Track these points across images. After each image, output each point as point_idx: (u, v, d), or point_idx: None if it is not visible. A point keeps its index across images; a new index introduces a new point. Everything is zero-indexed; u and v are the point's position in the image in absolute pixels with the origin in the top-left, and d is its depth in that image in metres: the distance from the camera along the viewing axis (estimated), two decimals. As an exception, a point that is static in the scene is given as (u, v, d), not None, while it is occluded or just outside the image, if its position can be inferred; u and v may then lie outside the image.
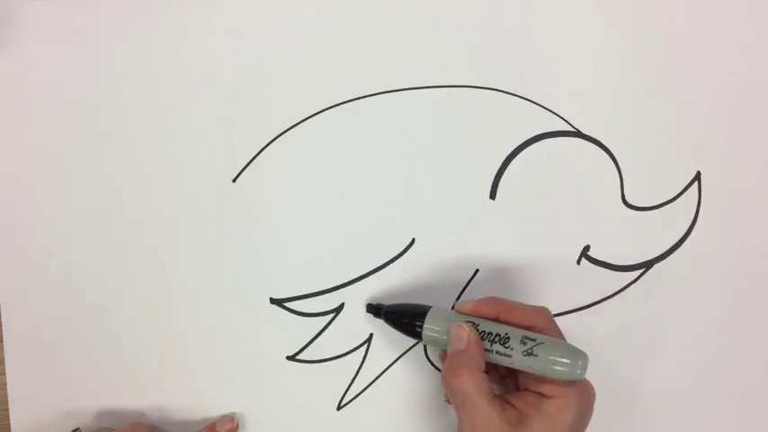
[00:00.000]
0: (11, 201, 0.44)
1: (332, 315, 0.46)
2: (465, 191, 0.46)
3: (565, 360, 0.37)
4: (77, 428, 0.44)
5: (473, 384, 0.37)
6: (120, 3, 0.44)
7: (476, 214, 0.46)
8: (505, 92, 0.45)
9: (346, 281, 0.45)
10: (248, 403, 0.46)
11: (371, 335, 0.46)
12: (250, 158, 0.45)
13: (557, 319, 0.46)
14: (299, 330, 0.46)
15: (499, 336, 0.38)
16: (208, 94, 0.44)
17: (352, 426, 0.46)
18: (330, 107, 0.45)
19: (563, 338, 0.40)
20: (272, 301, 0.45)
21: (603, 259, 0.46)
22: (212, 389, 0.46)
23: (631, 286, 0.47)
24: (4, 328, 0.45)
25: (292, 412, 0.46)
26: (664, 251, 0.46)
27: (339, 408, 0.46)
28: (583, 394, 0.38)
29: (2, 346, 0.45)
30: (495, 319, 0.40)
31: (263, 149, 0.45)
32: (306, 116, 0.45)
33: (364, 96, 0.45)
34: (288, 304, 0.45)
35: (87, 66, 0.44)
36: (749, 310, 0.47)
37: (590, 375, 0.46)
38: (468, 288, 0.46)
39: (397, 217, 0.45)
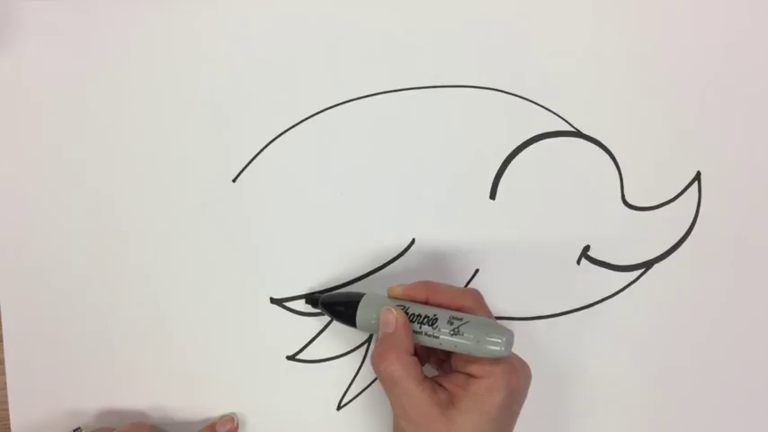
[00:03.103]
0: (11, 201, 0.44)
1: (332, 315, 0.46)
2: (465, 191, 0.46)
3: (488, 338, 0.36)
4: (78, 428, 0.44)
5: (401, 367, 0.37)
6: (120, 3, 0.44)
7: (476, 214, 0.46)
8: (505, 92, 0.45)
9: (346, 281, 0.45)
10: (248, 403, 0.46)
11: (371, 335, 0.46)
12: (250, 158, 0.45)
13: (557, 319, 0.46)
14: (299, 330, 0.46)
15: (428, 317, 0.38)
16: (208, 94, 0.44)
17: (352, 426, 0.46)
18: (330, 107, 0.45)
19: (492, 318, 0.40)
20: (272, 301, 0.45)
21: (603, 259, 0.46)
22: (212, 389, 0.46)
23: (631, 286, 0.47)
24: (4, 328, 0.45)
25: (292, 412, 0.46)
26: (664, 251, 0.46)
27: (339, 408, 0.46)
28: (511, 373, 0.37)
29: (2, 346, 0.45)
30: (426, 302, 0.40)
31: (263, 149, 0.45)
32: (306, 116, 0.45)
33: (364, 96, 0.45)
34: (288, 304, 0.45)
35: (87, 66, 0.44)
36: (749, 309, 0.47)
37: (590, 375, 0.47)
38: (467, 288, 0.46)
39: (397, 217, 0.45)
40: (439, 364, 0.42)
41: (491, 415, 0.37)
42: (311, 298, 0.45)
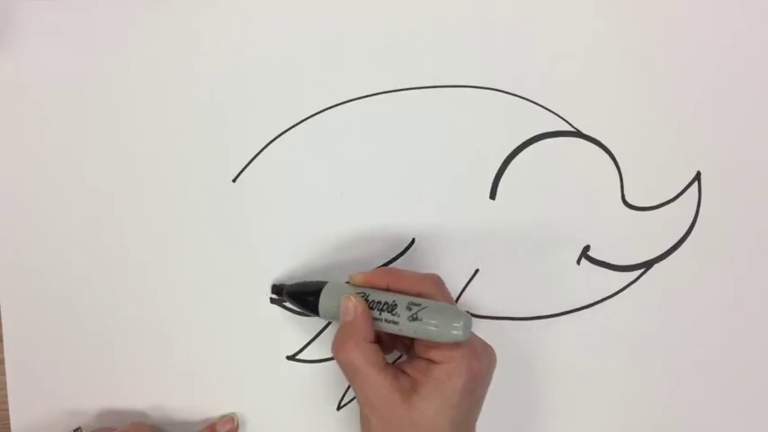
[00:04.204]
0: (11, 201, 0.44)
1: (332, 315, 0.46)
2: (465, 191, 0.46)
3: (446, 323, 0.36)
4: (78, 428, 0.44)
5: (361, 355, 0.37)
6: (120, 3, 0.44)
7: (476, 214, 0.46)
8: (505, 92, 0.45)
9: (347, 281, 0.45)
10: (248, 403, 0.46)
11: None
12: (250, 158, 0.45)
13: (557, 319, 0.46)
14: (299, 330, 0.46)
15: (387, 304, 0.38)
16: (208, 94, 0.44)
17: (352, 426, 0.46)
18: (330, 107, 0.45)
19: (453, 304, 0.40)
20: (272, 301, 0.45)
21: (603, 259, 0.46)
22: (212, 389, 0.46)
23: (631, 286, 0.47)
24: (4, 328, 0.45)
25: (292, 412, 0.46)
26: (664, 251, 0.46)
27: (339, 408, 0.46)
28: (472, 357, 0.37)
29: (2, 346, 0.45)
30: (387, 289, 0.39)
31: (263, 149, 0.45)
32: (306, 116, 0.45)
33: (364, 96, 0.45)
34: (288, 304, 0.45)
35: (87, 66, 0.44)
36: (749, 310, 0.47)
37: (590, 375, 0.47)
38: (468, 288, 0.46)
39: (397, 217, 0.45)
40: (405, 351, 0.42)
41: (453, 400, 0.37)
42: (277, 288, 0.44)
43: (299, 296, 0.43)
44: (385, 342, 0.41)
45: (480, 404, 0.40)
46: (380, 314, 0.38)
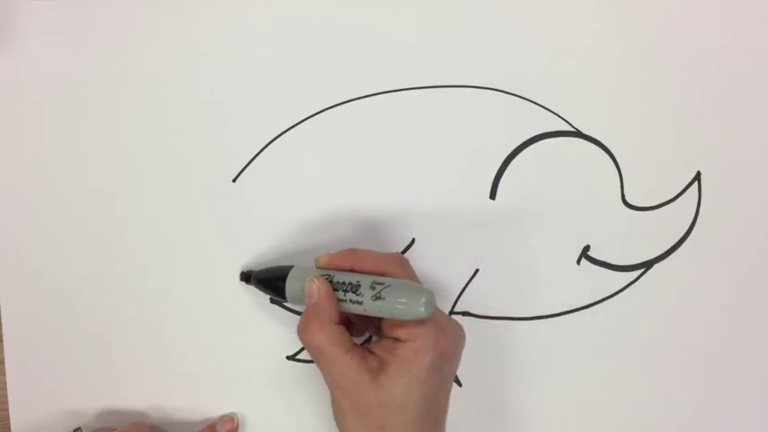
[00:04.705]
0: (11, 201, 0.44)
1: (332, 315, 0.46)
2: (465, 191, 0.46)
3: (408, 300, 0.36)
4: (78, 428, 0.44)
5: (325, 336, 0.37)
6: (120, 3, 0.44)
7: (476, 214, 0.46)
8: (505, 92, 0.45)
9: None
10: (248, 403, 0.46)
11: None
12: (250, 158, 0.45)
13: (557, 318, 0.46)
14: (299, 330, 0.46)
15: (351, 284, 0.38)
16: (208, 94, 0.44)
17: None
18: (330, 107, 0.45)
19: (417, 281, 0.40)
20: (273, 300, 0.45)
21: (603, 259, 0.46)
22: (212, 389, 0.46)
23: (631, 286, 0.47)
24: (4, 328, 0.45)
25: (292, 412, 0.46)
26: (664, 251, 0.46)
27: (339, 408, 0.46)
28: (438, 334, 0.37)
29: (2, 346, 0.45)
30: (351, 270, 0.39)
31: (263, 149, 0.45)
32: (306, 116, 0.45)
33: (364, 96, 0.45)
34: (288, 304, 0.45)
35: (87, 66, 0.44)
36: (749, 309, 0.47)
37: (590, 375, 0.47)
38: (467, 288, 0.46)
39: (397, 217, 0.45)
40: (376, 332, 0.42)
41: (420, 378, 0.36)
42: (245, 274, 0.44)
43: (267, 282, 0.42)
44: (356, 325, 0.41)
45: (450, 380, 0.39)
46: (345, 295, 0.38)
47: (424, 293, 0.36)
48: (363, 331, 0.42)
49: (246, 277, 0.44)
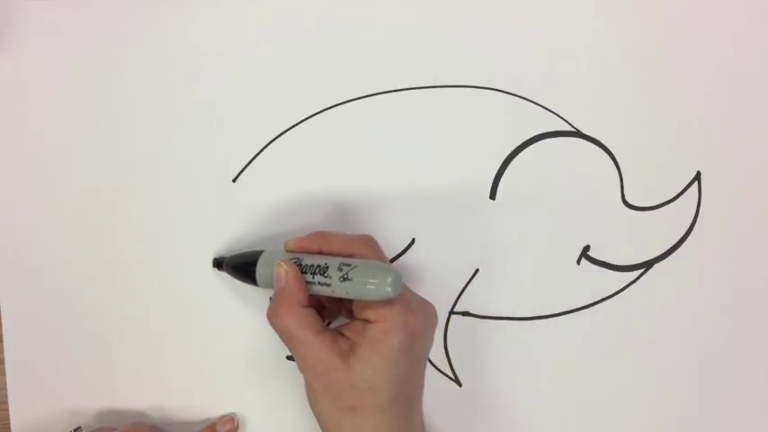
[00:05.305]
0: (11, 201, 0.44)
1: (332, 315, 0.46)
2: (465, 191, 0.46)
3: (376, 280, 0.36)
4: (78, 428, 0.44)
5: (295, 320, 0.37)
6: (119, 3, 0.44)
7: (476, 214, 0.46)
8: (505, 92, 0.45)
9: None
10: (248, 403, 0.46)
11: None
12: (250, 158, 0.45)
13: (557, 318, 0.46)
14: (299, 330, 0.46)
15: (319, 267, 0.38)
16: (208, 94, 0.44)
17: (352, 426, 0.46)
18: (330, 107, 0.45)
19: (385, 262, 0.40)
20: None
21: (603, 259, 0.46)
22: (212, 389, 0.46)
23: (631, 286, 0.47)
24: (4, 328, 0.45)
25: (292, 412, 0.46)
26: (664, 251, 0.46)
27: (339, 408, 0.46)
28: (407, 314, 0.37)
29: (2, 346, 0.45)
30: (320, 253, 0.39)
31: (263, 149, 0.45)
32: (306, 116, 0.45)
33: (364, 96, 0.45)
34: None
35: (87, 65, 0.44)
36: (749, 309, 0.47)
37: (590, 375, 0.47)
38: (467, 288, 0.46)
39: (396, 217, 0.45)
40: (348, 315, 0.42)
41: (391, 358, 0.36)
42: (217, 261, 0.44)
43: (239, 267, 0.42)
44: (328, 308, 0.41)
45: (423, 361, 0.39)
46: (313, 278, 0.38)
47: (390, 273, 0.36)
48: (336, 314, 0.42)
49: (218, 264, 0.44)
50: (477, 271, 0.46)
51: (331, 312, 0.42)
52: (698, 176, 0.46)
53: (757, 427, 0.47)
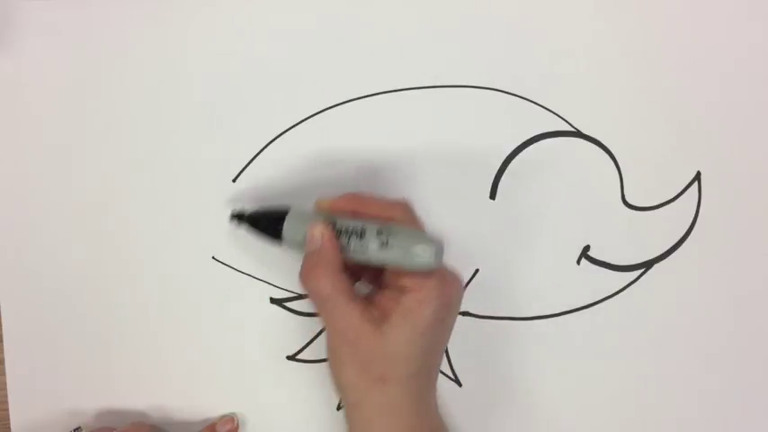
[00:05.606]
0: (11, 201, 0.44)
1: (332, 315, 0.46)
2: (465, 191, 0.46)
3: (417, 249, 0.35)
4: (78, 427, 0.44)
5: (329, 284, 0.36)
6: (119, 3, 0.44)
7: (476, 214, 0.46)
8: (505, 92, 0.45)
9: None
10: (248, 403, 0.46)
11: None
12: (250, 158, 0.45)
13: (557, 319, 0.46)
14: (299, 330, 0.46)
15: (356, 231, 0.37)
16: (208, 94, 0.44)
17: (352, 426, 0.46)
18: (330, 107, 0.45)
19: (423, 230, 0.39)
20: (273, 300, 0.45)
21: (603, 259, 0.46)
22: (212, 389, 0.46)
23: (631, 286, 0.47)
24: (4, 328, 0.45)
25: (292, 412, 0.46)
26: (664, 251, 0.46)
27: (339, 408, 0.46)
28: (443, 285, 0.36)
29: (2, 346, 0.45)
30: (354, 215, 0.38)
31: (263, 149, 0.45)
32: (306, 116, 0.45)
33: (364, 96, 0.45)
34: (288, 304, 0.45)
35: (87, 65, 0.44)
36: (749, 310, 0.47)
37: (590, 375, 0.47)
38: (468, 288, 0.46)
39: (397, 217, 0.45)
40: (372, 281, 0.41)
41: (423, 328, 0.36)
42: (237, 215, 0.42)
43: (262, 223, 0.41)
44: (351, 272, 0.40)
45: (449, 332, 0.39)
46: (348, 241, 0.37)
47: (433, 243, 0.35)
48: (358, 279, 0.41)
49: (238, 217, 0.42)
50: (477, 271, 0.46)
51: (353, 276, 0.40)
52: (698, 176, 0.46)
53: (757, 427, 0.47)
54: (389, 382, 0.37)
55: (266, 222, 0.40)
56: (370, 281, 0.41)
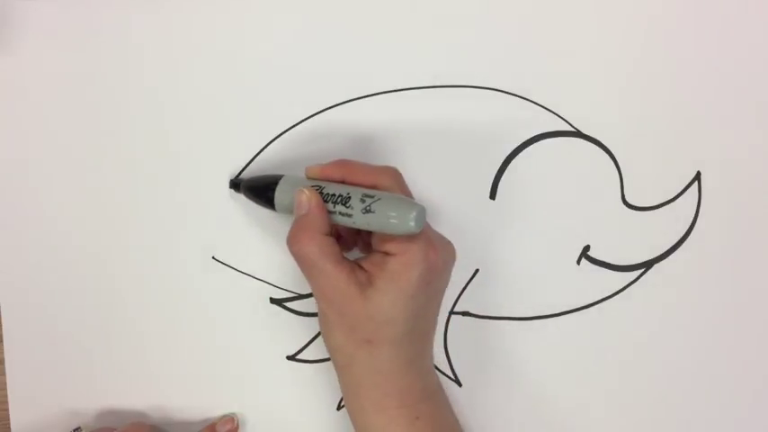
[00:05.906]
0: (11, 200, 0.44)
1: (332, 315, 0.46)
2: (465, 191, 0.46)
3: (398, 213, 0.35)
4: (78, 428, 0.44)
5: (316, 247, 0.37)
6: (119, 3, 0.44)
7: (476, 214, 0.46)
8: (505, 92, 0.45)
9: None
10: (248, 403, 0.46)
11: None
12: (250, 158, 0.45)
13: (557, 319, 0.46)
14: (299, 330, 0.46)
15: (341, 196, 0.37)
16: (208, 94, 0.44)
17: (352, 426, 0.46)
18: (330, 107, 0.45)
19: (409, 196, 0.39)
20: (272, 300, 0.45)
21: (603, 259, 0.46)
22: (212, 389, 0.46)
23: (631, 286, 0.47)
24: (4, 328, 0.45)
25: (292, 412, 0.46)
26: (664, 251, 0.46)
27: (339, 408, 0.46)
28: (428, 249, 0.37)
29: (2, 346, 0.45)
30: (342, 182, 0.39)
31: (263, 149, 0.45)
32: (306, 116, 0.45)
33: (364, 96, 0.45)
34: (288, 304, 0.45)
35: (86, 65, 0.44)
36: (749, 310, 0.47)
37: (590, 375, 0.47)
38: (468, 288, 0.46)
39: (397, 217, 0.45)
40: (364, 249, 0.41)
41: (409, 292, 0.36)
42: (234, 182, 0.44)
43: (257, 190, 0.42)
44: (345, 239, 0.41)
45: (439, 297, 0.39)
46: (335, 207, 0.37)
47: (414, 208, 0.35)
48: (352, 247, 0.42)
49: (235, 185, 0.44)
50: (477, 271, 0.46)
51: (347, 244, 0.41)
52: (698, 176, 0.46)
53: (757, 427, 0.47)
54: (376, 344, 0.37)
55: (261, 189, 0.42)
56: (362, 249, 0.42)
